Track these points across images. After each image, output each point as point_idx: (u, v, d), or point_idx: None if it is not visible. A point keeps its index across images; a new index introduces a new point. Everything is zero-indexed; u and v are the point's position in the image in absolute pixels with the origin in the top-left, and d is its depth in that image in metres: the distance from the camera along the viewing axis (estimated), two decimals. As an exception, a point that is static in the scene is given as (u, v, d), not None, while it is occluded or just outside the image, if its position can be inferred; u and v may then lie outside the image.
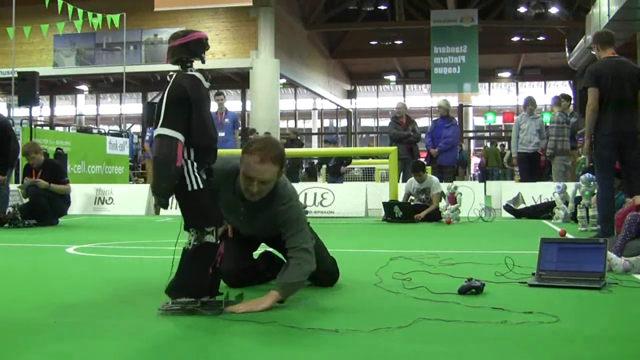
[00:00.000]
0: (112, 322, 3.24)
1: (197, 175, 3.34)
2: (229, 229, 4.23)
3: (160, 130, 3.27)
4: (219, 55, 26.49)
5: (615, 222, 5.97)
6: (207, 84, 3.43)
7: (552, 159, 12.79)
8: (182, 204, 3.37)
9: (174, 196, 3.35)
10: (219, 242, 3.37)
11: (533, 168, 13.47)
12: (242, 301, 3.49)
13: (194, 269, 3.34)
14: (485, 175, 26.64)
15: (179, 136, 3.26)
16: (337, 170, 16.44)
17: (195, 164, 3.34)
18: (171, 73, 3.40)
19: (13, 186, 11.40)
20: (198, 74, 3.39)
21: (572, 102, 14.96)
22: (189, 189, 3.31)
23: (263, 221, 3.93)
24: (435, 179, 11.15)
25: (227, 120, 14.47)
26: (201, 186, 3.33)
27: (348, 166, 20.28)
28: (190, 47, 3.37)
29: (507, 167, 25.27)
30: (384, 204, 11.01)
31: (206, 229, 3.32)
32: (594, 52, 7.64)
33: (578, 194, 9.15)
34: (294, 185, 10.51)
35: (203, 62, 3.43)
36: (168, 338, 2.94)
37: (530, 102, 13.66)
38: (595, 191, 8.49)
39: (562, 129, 12.61)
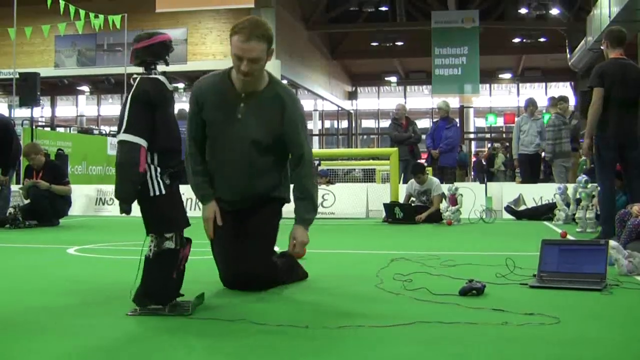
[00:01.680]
0: (113, 322, 3.24)
1: (160, 180, 3.33)
2: (217, 215, 4.13)
3: (122, 136, 3.27)
4: (220, 56, 26.49)
5: (616, 224, 5.97)
6: (171, 87, 3.43)
7: (552, 162, 12.79)
8: (143, 208, 3.38)
9: (136, 201, 3.36)
10: (179, 247, 3.37)
11: (534, 169, 13.45)
12: (202, 301, 3.54)
13: (157, 276, 3.35)
14: (488, 176, 26.62)
15: (142, 142, 3.26)
16: None
17: (158, 168, 3.34)
18: (135, 76, 3.39)
19: (14, 187, 11.41)
20: (161, 77, 3.39)
21: (574, 103, 14.94)
22: (151, 194, 3.32)
23: (263, 121, 4.04)
24: (436, 180, 11.14)
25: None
26: (163, 192, 3.33)
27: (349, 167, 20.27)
28: (153, 50, 3.36)
29: (503, 169, 25.45)
30: (385, 205, 11.00)
31: (165, 234, 3.33)
32: (602, 48, 7.58)
33: (578, 195, 9.15)
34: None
35: (167, 64, 3.42)
36: (170, 339, 2.94)
37: (531, 104, 13.62)
38: (594, 193, 8.51)
39: (559, 131, 12.59)
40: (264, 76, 4.05)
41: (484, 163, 28.32)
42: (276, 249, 4.39)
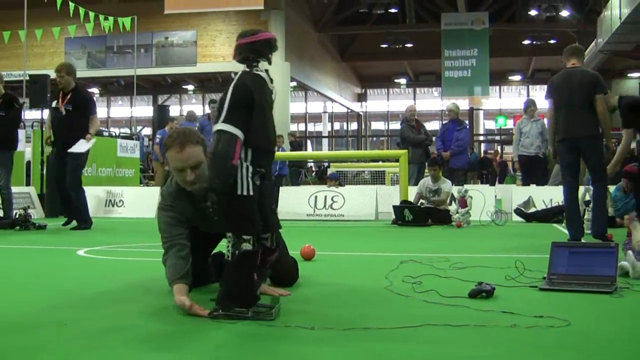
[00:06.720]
0: (122, 324, 3.24)
1: (250, 180, 3.26)
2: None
3: (220, 126, 3.23)
4: (230, 58, 26.50)
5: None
6: (271, 86, 3.40)
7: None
8: (227, 205, 3.28)
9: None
10: (256, 249, 3.30)
11: (534, 171, 13.37)
12: (277, 305, 3.38)
13: (238, 279, 3.27)
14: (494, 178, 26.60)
15: (239, 134, 3.22)
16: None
17: (250, 167, 3.27)
18: (237, 72, 3.38)
19: (15, 188, 11.37)
20: (263, 74, 3.37)
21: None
22: (238, 192, 3.24)
23: None
24: (448, 181, 11.28)
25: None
26: (251, 193, 3.25)
27: (359, 169, 20.30)
28: (256, 47, 3.35)
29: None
30: (394, 207, 11.01)
31: (244, 236, 3.25)
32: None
33: (587, 197, 9.10)
34: (297, 188, 10.52)
35: (270, 62, 3.41)
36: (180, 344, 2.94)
37: (531, 104, 13.59)
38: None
39: None
40: None
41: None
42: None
